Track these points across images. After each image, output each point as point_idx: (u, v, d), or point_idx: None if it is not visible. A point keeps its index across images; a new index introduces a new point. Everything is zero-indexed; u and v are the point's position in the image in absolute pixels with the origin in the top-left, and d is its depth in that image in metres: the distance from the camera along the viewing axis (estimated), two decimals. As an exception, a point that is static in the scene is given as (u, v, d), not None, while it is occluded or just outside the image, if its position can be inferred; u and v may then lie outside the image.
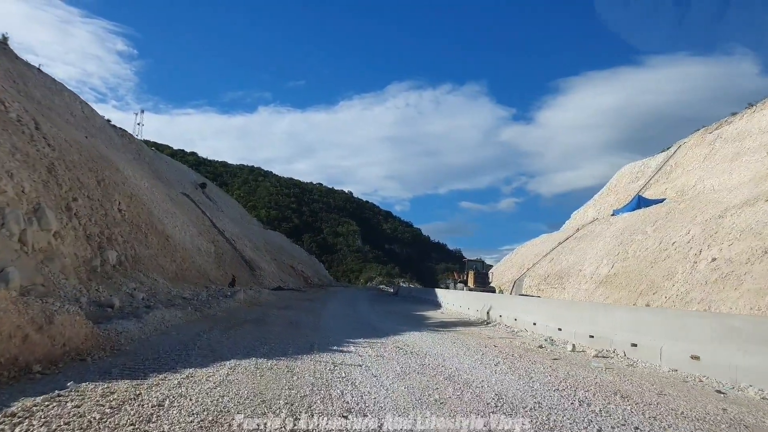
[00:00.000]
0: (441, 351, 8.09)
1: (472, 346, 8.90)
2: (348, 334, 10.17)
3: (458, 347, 8.71)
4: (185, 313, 11.01)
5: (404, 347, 8.31)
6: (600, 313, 9.24)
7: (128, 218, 20.29)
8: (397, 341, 9.18)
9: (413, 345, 8.69)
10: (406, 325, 13.15)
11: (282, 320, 12.40)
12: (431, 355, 7.60)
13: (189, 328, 9.24)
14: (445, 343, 9.18)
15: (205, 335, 8.38)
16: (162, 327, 8.84)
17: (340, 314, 16.42)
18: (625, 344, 7.97)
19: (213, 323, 10.49)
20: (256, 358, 6.45)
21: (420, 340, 9.62)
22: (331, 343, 8.36)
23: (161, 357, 6.27)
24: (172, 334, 8.38)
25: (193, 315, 11.31)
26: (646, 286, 22.62)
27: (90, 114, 39.84)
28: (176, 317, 10.11)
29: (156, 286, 16.97)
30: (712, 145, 39.52)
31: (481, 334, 11.43)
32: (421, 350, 8.05)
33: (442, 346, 8.79)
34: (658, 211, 30.73)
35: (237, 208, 71.03)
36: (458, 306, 19.57)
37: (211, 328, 9.43)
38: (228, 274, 30.19)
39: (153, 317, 9.04)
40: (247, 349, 7.16)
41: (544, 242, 45.59)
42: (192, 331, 8.91)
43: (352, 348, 7.95)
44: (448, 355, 7.73)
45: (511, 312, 13.10)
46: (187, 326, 9.59)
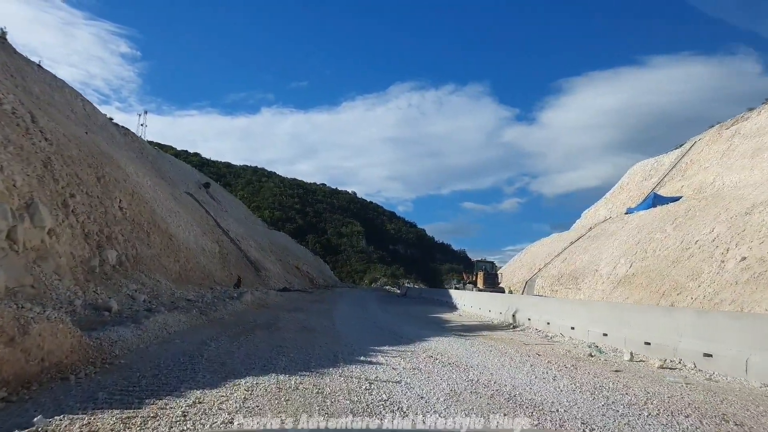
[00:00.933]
0: (482, 362, 7.07)
1: (513, 355, 7.88)
2: (369, 340, 9.17)
3: (498, 356, 7.69)
4: (189, 317, 10.00)
5: (439, 357, 7.29)
6: (656, 316, 8.16)
7: (129, 216, 19.34)
8: (426, 349, 8.17)
9: (447, 354, 7.67)
10: (427, 330, 12.16)
11: (294, 324, 11.39)
12: (474, 367, 6.58)
13: (194, 335, 8.25)
14: (482, 352, 8.16)
15: (212, 343, 7.39)
16: (164, 334, 7.85)
17: (353, 317, 15.43)
18: (694, 354, 6.94)
19: (220, 328, 9.50)
20: (276, 374, 5.46)
21: (451, 347, 8.60)
22: (356, 352, 7.37)
23: (162, 373, 5.30)
24: (176, 342, 7.39)
25: (198, 319, 10.31)
26: (669, 287, 21.64)
27: (91, 112, 38.94)
28: (180, 322, 9.10)
29: (158, 287, 16.01)
30: (730, 142, 38.49)
31: (513, 339, 10.41)
32: (460, 361, 7.03)
33: (480, 355, 7.77)
34: (677, 209, 29.74)
35: (241, 208, 70.12)
36: (477, 308, 18.53)
37: (218, 335, 8.44)
38: (233, 275, 29.24)
39: (154, 322, 8.04)
40: (264, 362, 6.17)
41: (555, 242, 44.63)
42: (197, 338, 7.92)
43: (380, 358, 6.95)
44: (492, 366, 6.71)
45: (542, 315, 12.07)
46: (191, 332, 8.60)
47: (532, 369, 6.63)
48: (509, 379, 5.88)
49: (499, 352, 8.29)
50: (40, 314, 5.01)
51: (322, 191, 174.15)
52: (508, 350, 8.55)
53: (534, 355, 8.02)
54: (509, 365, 6.88)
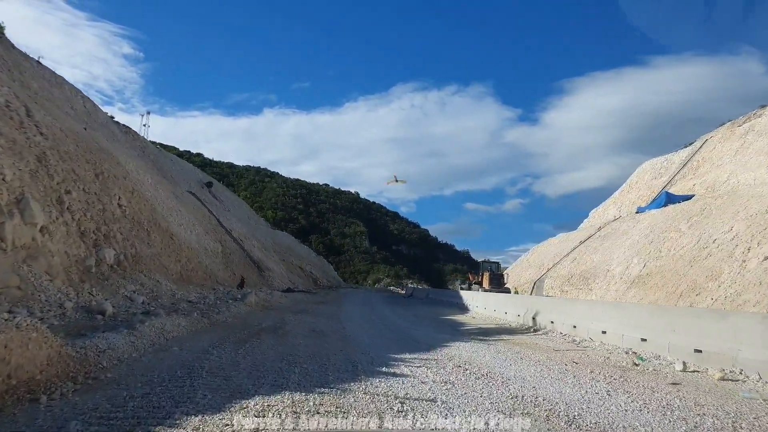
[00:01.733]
0: (518, 372, 6.27)
1: (547, 363, 7.09)
2: (387, 346, 8.38)
3: (532, 365, 6.90)
4: (190, 320, 9.21)
5: (468, 367, 6.50)
6: (709, 321, 7.29)
7: (129, 214, 18.60)
8: (451, 357, 7.38)
9: (476, 363, 6.88)
10: (444, 333, 11.39)
11: (303, 328, 10.60)
12: (511, 379, 5.78)
13: (194, 341, 7.47)
14: (511, 359, 7.37)
15: (215, 351, 6.59)
16: (161, 340, 7.06)
17: (363, 319, 14.65)
18: (758, 364, 6.13)
19: (224, 333, 8.72)
20: (290, 391, 4.65)
21: (477, 355, 7.80)
22: (376, 362, 6.58)
23: (154, 392, 4.51)
24: (173, 349, 6.60)
25: (199, 322, 9.51)
26: (687, 287, 20.85)
27: (92, 109, 38.26)
28: (179, 326, 8.30)
29: (158, 288, 15.26)
30: (744, 139, 37.62)
31: (538, 344, 9.61)
32: (493, 371, 6.24)
33: (511, 364, 6.97)
34: (691, 208, 28.90)
35: (244, 208, 69.35)
36: (491, 310, 17.71)
37: (222, 341, 7.65)
38: (236, 275, 28.51)
39: (150, 328, 7.24)
40: (274, 375, 5.38)
41: (563, 242, 43.82)
42: (198, 345, 7.14)
43: (404, 369, 6.16)
44: (531, 378, 5.92)
45: (567, 318, 11.25)
46: (192, 338, 7.81)
47: (577, 381, 5.84)
48: (557, 394, 5.09)
49: (531, 359, 7.49)
50: (8, 321, 4.22)
51: (324, 191, 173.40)
52: (539, 357, 7.75)
53: (570, 363, 7.23)
54: (549, 376, 6.08)
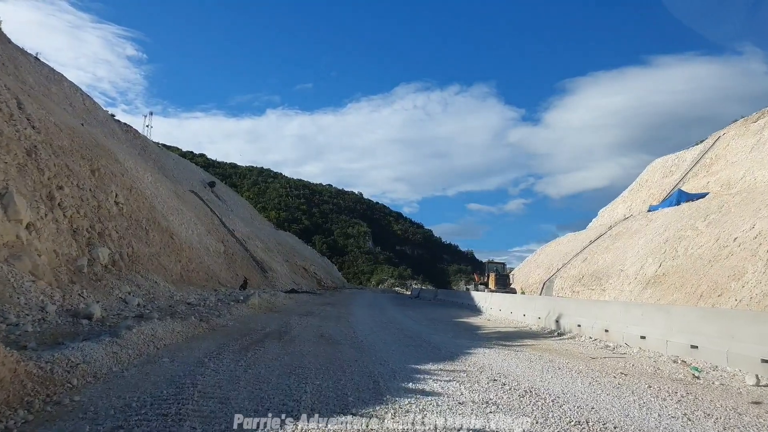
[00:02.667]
0: (565, 388, 5.34)
1: (593, 376, 6.17)
2: (405, 354, 7.46)
3: (577, 378, 5.99)
4: (186, 325, 8.28)
5: (504, 380, 5.59)
6: None
7: (126, 212, 17.79)
8: (481, 367, 6.48)
9: (510, 375, 5.97)
10: (463, 338, 10.48)
11: (310, 333, 9.70)
12: (560, 397, 4.87)
13: (189, 350, 6.56)
14: (548, 370, 6.46)
15: (211, 363, 5.66)
16: (150, 349, 6.13)
17: (374, 323, 13.74)
18: None
19: (223, 339, 7.81)
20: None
21: (508, 364, 6.89)
22: (398, 375, 5.66)
23: (128, 424, 3.54)
24: (163, 361, 5.67)
25: (197, 327, 8.59)
26: (708, 287, 19.96)
27: (92, 107, 37.60)
28: (173, 332, 7.37)
29: (156, 289, 14.40)
30: (759, 135, 36.69)
31: (570, 351, 8.70)
32: (535, 386, 5.33)
33: (552, 376, 6.05)
34: (707, 205, 28.00)
35: (247, 208, 68.58)
36: (507, 312, 16.78)
37: (220, 349, 6.74)
38: (239, 276, 27.70)
39: (138, 335, 6.31)
40: (281, 396, 4.43)
41: (572, 242, 43.00)
42: (193, 354, 6.23)
43: (433, 384, 5.25)
44: (582, 395, 5.01)
45: (597, 321, 10.33)
46: (187, 346, 6.90)
47: (640, 399, 4.94)
48: (624, 417, 4.19)
49: (570, 370, 6.59)
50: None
51: (328, 192, 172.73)
52: (578, 367, 6.85)
53: (618, 375, 6.32)
54: (603, 393, 5.18)
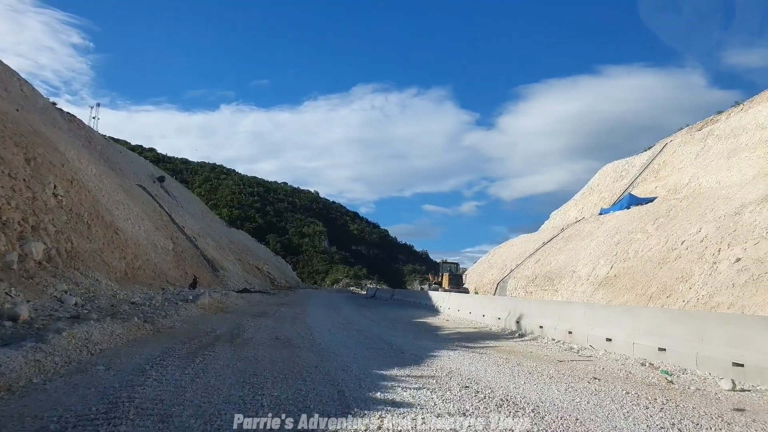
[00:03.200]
0: (542, 396, 4.97)
1: (566, 381, 5.87)
2: (368, 359, 7.00)
3: (550, 383, 5.67)
4: (127, 327, 7.52)
5: (477, 387, 5.20)
6: (755, 329, 6.15)
7: (66, 205, 16.63)
8: (450, 372, 6.10)
9: (483, 381, 5.59)
10: (425, 340, 10.14)
11: (265, 335, 9.09)
12: (539, 406, 4.49)
13: (129, 356, 5.84)
14: (521, 376, 6.12)
15: (153, 372, 4.98)
16: (83, 356, 5.38)
17: (332, 323, 13.23)
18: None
19: (169, 343, 7.12)
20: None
21: (476, 368, 6.53)
22: (364, 383, 5.15)
23: None
24: (97, 370, 4.94)
25: (140, 329, 7.83)
26: (657, 289, 20.46)
27: (30, 93, 35.33)
28: (111, 336, 6.60)
29: (97, 287, 13.44)
30: (704, 143, 38.19)
31: (535, 354, 8.44)
32: (510, 394, 4.95)
33: (524, 382, 5.70)
34: (657, 209, 28.86)
35: (198, 205, 66.52)
36: (466, 312, 16.57)
37: (165, 354, 6.07)
38: (188, 275, 26.59)
39: (68, 339, 5.54)
40: (233, 409, 3.89)
41: (525, 243, 43.65)
42: (133, 361, 5.52)
43: (403, 393, 4.79)
44: (561, 403, 4.66)
45: (560, 322, 10.15)
46: (127, 351, 6.18)
47: (621, 407, 4.64)
48: (612, 429, 3.87)
49: (540, 374, 6.30)
50: None
51: (283, 190, 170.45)
52: (548, 371, 6.58)
53: (591, 380, 6.06)
54: (581, 400, 4.87)
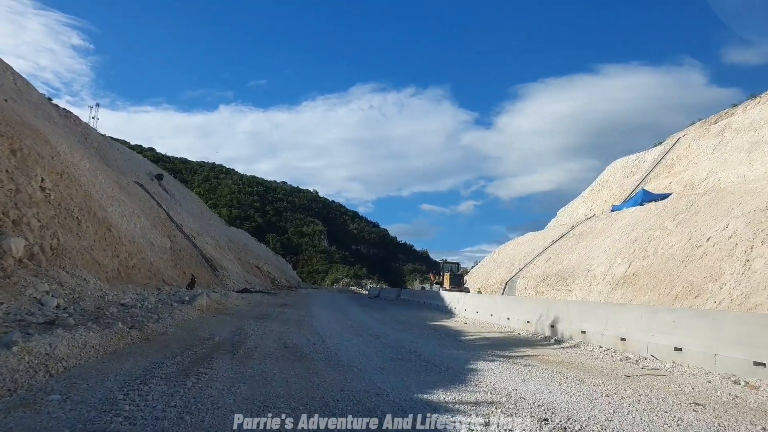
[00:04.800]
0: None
1: (665, 410, 4.58)
2: (399, 375, 5.73)
3: (645, 414, 4.43)
4: (107, 335, 6.17)
5: (560, 421, 3.98)
6: None
7: (55, 199, 15.42)
8: (509, 396, 4.84)
9: (558, 409, 4.36)
10: (453, 348, 8.91)
11: (271, 342, 7.83)
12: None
13: (101, 376, 4.50)
14: (601, 401, 4.87)
15: (127, 404, 3.65)
16: (37, 378, 4.01)
17: (343, 328, 11.98)
18: None
19: (156, 355, 5.84)
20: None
21: (535, 388, 5.28)
22: (411, 418, 3.91)
23: None
24: (49, 401, 3.54)
25: (123, 338, 6.50)
26: (683, 288, 19.19)
27: (24, 88, 34.05)
28: (84, 347, 5.23)
29: (84, 287, 12.18)
30: (721, 137, 37.00)
31: (592, 366, 7.15)
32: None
33: (613, 411, 4.42)
34: (675, 205, 27.60)
35: (197, 203, 65.21)
36: (486, 314, 15.29)
37: (148, 374, 4.73)
38: (186, 274, 25.36)
39: (20, 356, 4.08)
40: None
41: (532, 241, 42.49)
42: (104, 385, 4.20)
43: (458, 428, 3.57)
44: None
45: (608, 327, 8.86)
46: (100, 369, 4.83)
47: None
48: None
49: (619, 396, 5.05)
50: None
51: (282, 189, 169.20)
52: (623, 391, 5.33)
53: (691, 405, 4.80)
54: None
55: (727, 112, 42.01)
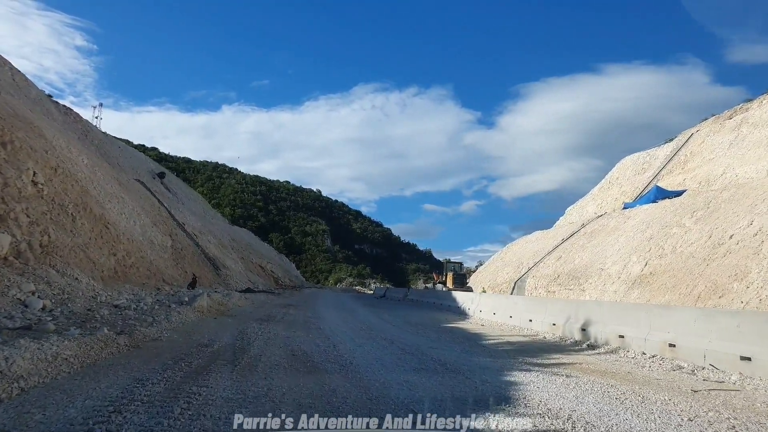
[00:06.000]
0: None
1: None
2: (430, 391, 4.82)
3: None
4: (87, 343, 5.22)
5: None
6: None
7: (48, 194, 14.59)
8: (570, 419, 3.97)
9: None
10: (479, 355, 8.02)
11: (277, 350, 6.94)
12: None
13: (66, 401, 3.49)
14: (687, 428, 4.01)
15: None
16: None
17: (352, 330, 11.11)
18: None
19: (143, 369, 4.88)
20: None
21: (598, 408, 4.41)
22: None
23: None
24: None
25: (107, 346, 5.55)
26: (706, 288, 18.19)
27: (23, 83, 33.22)
28: (54, 361, 4.18)
29: (75, 287, 11.32)
30: (737, 131, 35.95)
31: (644, 378, 6.24)
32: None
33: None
34: (693, 202, 26.60)
35: (200, 202, 64.37)
36: (504, 315, 14.37)
37: (126, 396, 3.72)
38: (188, 273, 24.56)
39: None
40: None
41: (541, 240, 41.51)
42: (65, 414, 3.24)
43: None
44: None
45: (653, 331, 7.90)
46: (68, 388, 3.85)
47: None
48: None
49: (706, 422, 4.17)
50: None
51: (285, 189, 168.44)
52: (702, 412, 4.44)
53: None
54: None
55: (742, 107, 41.02)
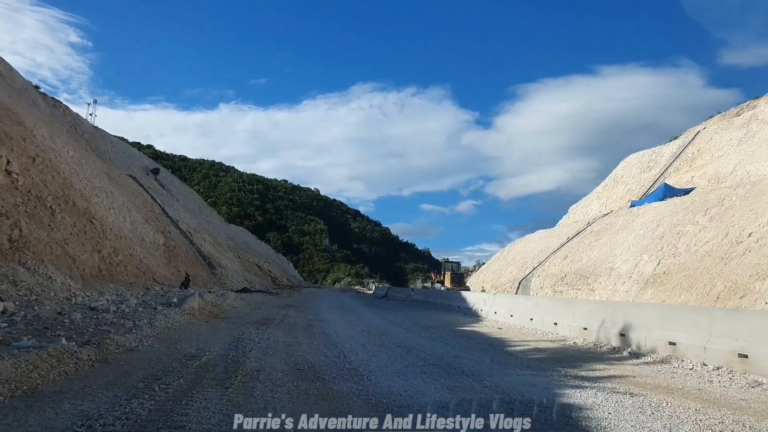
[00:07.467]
0: None
1: None
2: (460, 409, 3.73)
3: None
4: (29, 361, 3.92)
5: None
6: None
7: (23, 186, 13.38)
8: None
9: None
10: (512, 366, 6.84)
11: (279, 362, 5.75)
12: None
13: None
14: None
15: None
16: None
17: (360, 335, 9.93)
18: None
19: (102, 396, 3.65)
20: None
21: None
22: None
23: None
24: None
25: (62, 362, 4.28)
26: (725, 287, 17.15)
27: (7, 72, 31.77)
28: None
29: (47, 287, 10.08)
30: (746, 128, 35.03)
31: (716, 396, 5.08)
32: None
33: None
34: (705, 199, 25.59)
35: (195, 199, 62.98)
36: (523, 318, 13.16)
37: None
38: (181, 272, 23.33)
39: None
40: None
41: (545, 239, 40.62)
42: None
43: None
44: None
45: (714, 338, 6.68)
46: None
47: None
48: None
49: None
50: None
51: (283, 188, 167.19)
52: None
53: None
54: None
55: (750, 104, 40.32)
